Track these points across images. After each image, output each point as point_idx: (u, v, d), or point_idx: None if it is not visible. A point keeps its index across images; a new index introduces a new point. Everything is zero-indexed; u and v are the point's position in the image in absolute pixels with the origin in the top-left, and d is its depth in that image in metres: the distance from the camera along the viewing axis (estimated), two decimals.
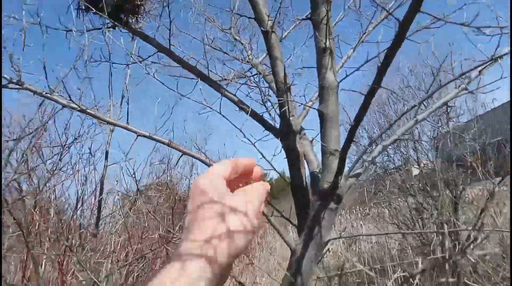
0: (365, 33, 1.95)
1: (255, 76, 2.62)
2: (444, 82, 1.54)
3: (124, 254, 4.41)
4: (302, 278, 1.32)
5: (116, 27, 1.79)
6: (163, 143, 1.42)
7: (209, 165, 1.44)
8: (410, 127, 1.53)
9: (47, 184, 3.70)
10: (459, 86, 1.64)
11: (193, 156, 1.43)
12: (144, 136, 1.41)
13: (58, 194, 3.99)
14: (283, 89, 1.59)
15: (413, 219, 7.02)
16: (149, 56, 1.78)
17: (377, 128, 6.77)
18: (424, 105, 1.49)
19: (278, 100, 1.55)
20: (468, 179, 6.55)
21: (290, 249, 1.41)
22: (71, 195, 4.34)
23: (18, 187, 3.53)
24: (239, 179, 0.56)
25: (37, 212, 3.38)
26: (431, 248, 6.68)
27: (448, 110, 1.54)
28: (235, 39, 3.11)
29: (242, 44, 3.00)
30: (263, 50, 3.04)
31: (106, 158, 2.90)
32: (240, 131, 1.50)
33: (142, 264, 4.44)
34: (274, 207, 1.76)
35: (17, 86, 1.32)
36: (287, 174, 1.86)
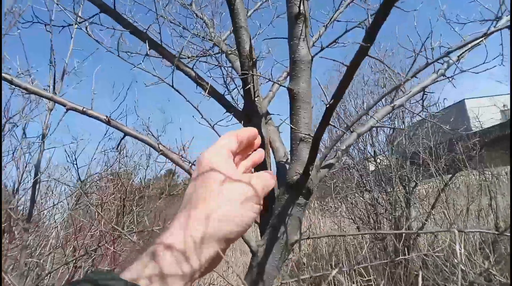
0: (337, 10, 1.77)
1: (217, 55, 2.37)
2: (422, 67, 1.40)
3: (71, 249, 4.04)
4: (264, 285, 1.12)
5: None
6: (100, 120, 1.14)
7: (157, 150, 1.19)
8: (387, 113, 1.38)
9: None
10: (437, 71, 1.51)
11: (137, 138, 1.17)
12: (76, 110, 1.13)
13: None
14: (248, 64, 1.37)
15: (368, 214, 7.17)
16: (91, 17, 1.47)
17: (346, 116, 6.76)
18: (402, 90, 1.34)
19: (242, 75, 1.33)
20: (420, 176, 6.77)
21: (251, 251, 1.21)
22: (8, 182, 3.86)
23: None
24: (242, 151, 0.58)
25: None
26: (384, 242, 6.87)
27: (424, 97, 1.40)
28: (196, 15, 2.83)
29: (203, 20, 2.73)
30: (226, 27, 2.81)
31: (43, 140, 2.51)
32: (197, 109, 1.26)
33: (90, 260, 4.06)
34: None
35: None
36: None
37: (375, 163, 7.19)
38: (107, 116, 1.11)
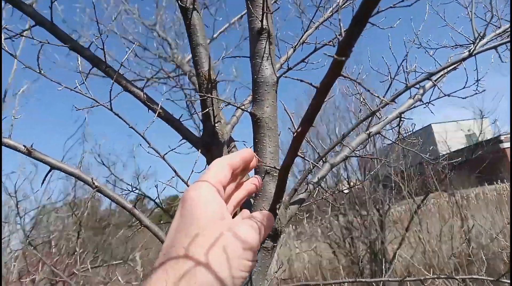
0: (306, 30, 1.66)
1: (179, 77, 2.21)
2: (398, 92, 1.29)
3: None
4: None
5: None
6: (19, 151, 0.93)
7: (90, 185, 0.98)
8: (362, 141, 1.24)
9: None
10: (413, 96, 1.41)
11: (66, 172, 0.96)
12: None
13: None
14: (207, 85, 1.21)
15: (343, 238, 7.06)
16: (24, 31, 1.27)
17: (318, 142, 6.70)
18: (378, 117, 1.22)
19: (200, 97, 1.16)
20: (393, 199, 6.78)
21: None
22: None
23: None
24: (236, 178, 0.52)
25: None
26: (360, 267, 6.73)
27: (400, 123, 1.28)
28: (160, 36, 2.68)
29: (167, 41, 2.58)
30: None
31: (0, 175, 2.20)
32: (142, 137, 1.07)
33: None
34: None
35: None
36: None
37: (348, 186, 7.15)
38: (26, 146, 0.90)
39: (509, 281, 1.26)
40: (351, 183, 7.18)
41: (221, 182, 0.45)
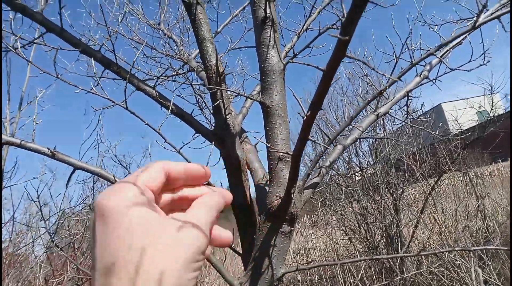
0: (309, 16, 1.67)
1: (187, 73, 2.24)
2: (404, 69, 1.30)
3: None
4: None
5: None
6: (43, 153, 0.97)
7: (112, 182, 1.02)
8: (371, 122, 1.26)
9: None
10: (420, 74, 1.42)
11: (88, 171, 1.00)
12: (13, 144, 0.96)
13: None
14: (216, 78, 1.24)
15: (358, 224, 7.06)
16: (36, 38, 1.31)
17: (328, 128, 6.67)
18: (385, 97, 1.23)
19: (209, 91, 1.19)
20: (406, 181, 6.75)
21: None
22: None
23: None
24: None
25: None
26: (377, 252, 6.73)
27: (409, 103, 1.29)
28: (165, 34, 2.71)
29: (172, 39, 2.61)
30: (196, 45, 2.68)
31: (1, 178, 2.29)
32: (158, 133, 1.10)
33: None
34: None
35: None
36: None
37: (360, 172, 7.14)
38: (50, 149, 0.94)
39: None
40: (364, 169, 7.15)
41: (150, 186, 0.35)
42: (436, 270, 3.88)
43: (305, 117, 0.82)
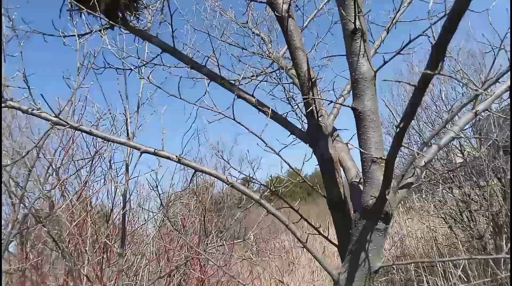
0: (398, 10, 1.64)
1: (277, 72, 2.37)
2: (501, 71, 1.22)
3: (163, 263, 4.36)
4: None
5: (114, 27, 1.60)
6: (172, 159, 1.21)
7: (225, 182, 1.22)
8: (469, 121, 1.23)
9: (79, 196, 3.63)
10: None
11: (208, 173, 1.21)
12: (149, 152, 1.21)
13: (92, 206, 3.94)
14: (307, 84, 1.34)
15: (460, 212, 6.51)
16: (153, 58, 1.58)
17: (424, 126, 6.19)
18: (485, 93, 1.18)
19: (303, 99, 1.30)
20: None
21: (333, 279, 1.16)
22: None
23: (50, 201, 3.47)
24: None
25: (73, 226, 3.30)
26: (483, 241, 6.16)
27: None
28: (253, 32, 2.87)
29: (260, 37, 2.75)
30: (284, 43, 2.78)
31: (127, 171, 2.75)
32: (260, 139, 1.26)
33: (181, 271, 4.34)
34: (311, 224, 1.51)
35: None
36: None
37: (462, 155, 6.51)
38: (177, 156, 1.17)
39: None
40: (465, 152, 6.52)
41: None
42: None
43: (398, 129, 0.88)
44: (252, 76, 2.41)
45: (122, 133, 2.72)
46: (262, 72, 2.40)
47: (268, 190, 1.62)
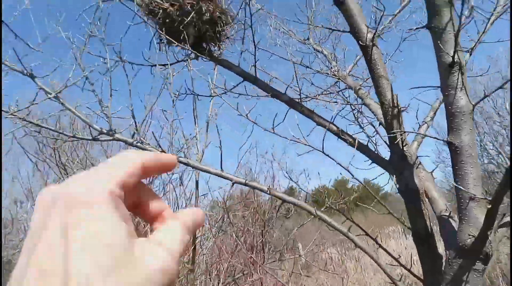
0: (484, 31, 1.57)
1: (343, 91, 2.36)
2: None
3: (216, 273, 4.44)
4: None
5: (199, 58, 1.70)
6: (263, 190, 1.26)
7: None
8: None
9: None
10: None
11: (296, 205, 1.25)
12: (240, 183, 1.27)
13: None
14: (392, 113, 1.32)
15: None
16: (234, 87, 1.65)
17: None
18: None
19: (387, 130, 1.29)
20: None
21: None
22: None
23: None
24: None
25: None
26: None
27: None
28: (315, 49, 2.88)
29: (323, 54, 2.76)
30: (350, 60, 2.76)
31: (197, 188, 2.88)
32: (347, 171, 1.27)
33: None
34: (386, 250, 1.48)
35: (108, 137, 1.28)
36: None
37: None
38: (268, 187, 1.22)
39: None
40: None
41: (125, 186, 0.29)
42: None
43: (510, 167, 0.84)
44: (317, 94, 2.42)
45: (193, 155, 2.82)
46: (325, 91, 2.39)
47: (325, 207, 1.62)
